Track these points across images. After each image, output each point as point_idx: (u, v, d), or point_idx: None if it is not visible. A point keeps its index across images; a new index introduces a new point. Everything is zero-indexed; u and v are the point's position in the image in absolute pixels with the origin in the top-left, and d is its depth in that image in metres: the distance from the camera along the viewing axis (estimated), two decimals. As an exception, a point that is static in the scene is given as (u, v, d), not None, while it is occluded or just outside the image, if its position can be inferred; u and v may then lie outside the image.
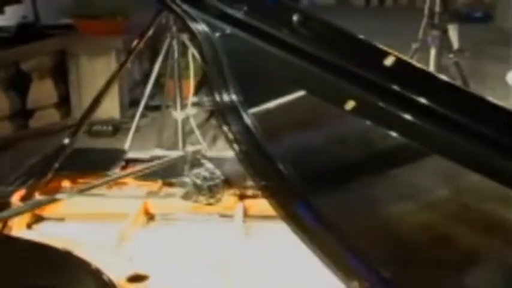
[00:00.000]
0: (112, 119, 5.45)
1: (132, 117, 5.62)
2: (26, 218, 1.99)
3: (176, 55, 4.25)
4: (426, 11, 4.45)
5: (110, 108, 5.49)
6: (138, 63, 6.20)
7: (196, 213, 2.07)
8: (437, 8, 4.32)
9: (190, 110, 4.33)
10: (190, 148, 1.67)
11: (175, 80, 4.28)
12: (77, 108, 5.46)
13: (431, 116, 1.39)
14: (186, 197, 1.69)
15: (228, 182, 1.70)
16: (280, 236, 1.56)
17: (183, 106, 4.31)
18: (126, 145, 4.19)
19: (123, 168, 2.28)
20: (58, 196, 1.43)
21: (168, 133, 4.67)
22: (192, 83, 4.34)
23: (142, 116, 5.64)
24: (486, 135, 1.33)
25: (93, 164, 2.29)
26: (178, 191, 1.70)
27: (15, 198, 2.04)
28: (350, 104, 1.45)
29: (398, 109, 1.42)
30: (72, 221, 2.06)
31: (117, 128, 5.42)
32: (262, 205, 2.05)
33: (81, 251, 1.66)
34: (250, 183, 1.89)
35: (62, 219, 2.04)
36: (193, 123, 4.40)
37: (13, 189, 2.03)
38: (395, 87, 1.41)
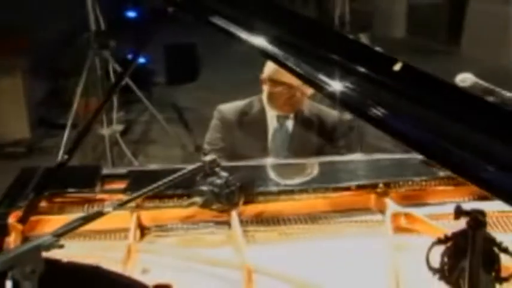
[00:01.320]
0: (24, 139, 5.30)
1: (44, 136, 5.53)
2: (15, 238, 1.99)
3: (99, 72, 4.24)
4: (336, 21, 4.69)
5: (19, 128, 5.36)
6: (40, 81, 6.08)
7: (190, 222, 2.17)
8: (347, 17, 4.58)
9: (117, 127, 4.33)
10: (207, 158, 1.74)
11: (100, 96, 4.27)
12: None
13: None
14: (205, 205, 1.76)
15: (242, 189, 1.79)
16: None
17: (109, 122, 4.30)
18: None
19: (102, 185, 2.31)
20: (105, 209, 1.46)
21: (90, 149, 4.65)
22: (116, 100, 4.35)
23: (53, 135, 5.57)
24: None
25: (72, 182, 2.29)
26: (198, 199, 1.76)
27: (12, 220, 2.03)
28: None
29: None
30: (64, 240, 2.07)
31: (30, 149, 5.28)
32: (255, 209, 2.18)
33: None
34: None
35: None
36: (119, 138, 4.41)
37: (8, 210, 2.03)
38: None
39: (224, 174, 1.77)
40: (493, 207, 2.13)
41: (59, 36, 6.22)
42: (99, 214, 1.43)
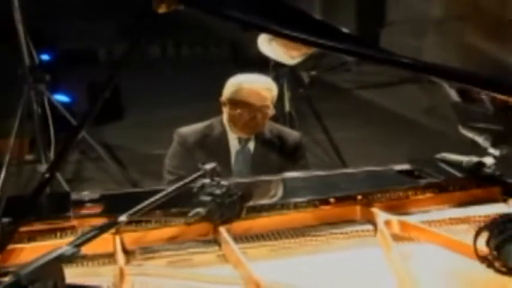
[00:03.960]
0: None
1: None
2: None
3: (35, 107, 4.07)
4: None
5: None
6: None
7: (175, 242, 2.06)
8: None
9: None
10: (207, 166, 1.67)
11: (38, 134, 4.09)
12: None
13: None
14: (209, 214, 1.68)
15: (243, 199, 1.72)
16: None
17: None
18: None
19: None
20: (120, 219, 1.36)
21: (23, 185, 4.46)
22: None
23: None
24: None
25: (44, 210, 2.16)
26: (201, 210, 1.67)
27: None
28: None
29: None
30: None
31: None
32: (242, 225, 2.10)
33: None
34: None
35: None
36: (59, 175, 4.22)
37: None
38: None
39: (224, 183, 1.70)
40: (475, 212, 2.16)
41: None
42: (114, 224, 1.33)
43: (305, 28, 1.52)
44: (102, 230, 1.32)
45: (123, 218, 1.37)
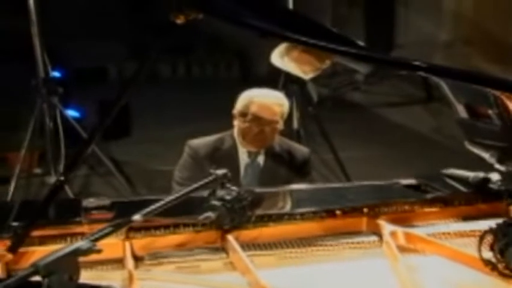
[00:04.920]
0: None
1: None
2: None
3: (48, 120, 4.13)
4: (283, 67, 4.73)
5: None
6: None
7: (184, 249, 2.09)
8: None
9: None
10: (219, 172, 1.70)
11: (48, 146, 4.14)
12: None
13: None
14: (219, 219, 1.71)
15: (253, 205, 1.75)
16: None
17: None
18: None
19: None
20: (134, 218, 1.39)
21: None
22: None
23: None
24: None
25: (55, 214, 2.19)
26: (211, 214, 1.70)
27: (0, 249, 1.91)
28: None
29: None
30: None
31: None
32: (250, 234, 2.13)
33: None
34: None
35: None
36: (67, 187, 4.26)
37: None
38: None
39: (234, 188, 1.73)
40: (481, 226, 2.18)
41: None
42: (128, 222, 1.36)
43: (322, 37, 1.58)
44: (116, 227, 1.36)
45: (137, 216, 1.40)
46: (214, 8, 1.64)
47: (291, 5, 4.66)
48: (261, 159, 3.00)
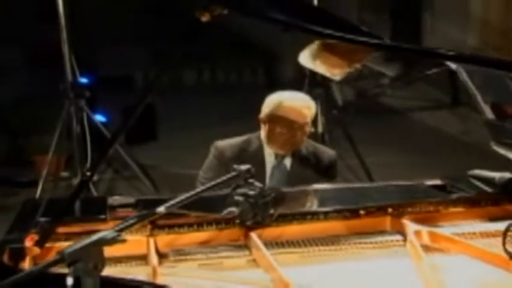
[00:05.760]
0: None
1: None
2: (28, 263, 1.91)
3: (75, 123, 4.18)
4: (308, 70, 4.70)
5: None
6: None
7: (207, 246, 2.10)
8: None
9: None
10: (242, 167, 1.71)
11: (75, 149, 4.18)
12: None
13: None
14: (242, 214, 1.71)
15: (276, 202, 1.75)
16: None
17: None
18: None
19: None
20: (158, 210, 1.41)
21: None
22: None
23: (14, 194, 5.42)
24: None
25: (82, 212, 2.22)
26: (235, 210, 1.71)
27: (28, 243, 1.94)
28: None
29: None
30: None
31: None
32: (273, 232, 2.14)
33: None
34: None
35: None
36: (92, 187, 4.31)
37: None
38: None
39: (258, 184, 1.73)
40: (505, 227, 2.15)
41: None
42: (153, 214, 1.38)
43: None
44: (140, 218, 1.37)
45: (161, 209, 1.42)
46: (239, 3, 1.66)
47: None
48: (287, 161, 2.99)
